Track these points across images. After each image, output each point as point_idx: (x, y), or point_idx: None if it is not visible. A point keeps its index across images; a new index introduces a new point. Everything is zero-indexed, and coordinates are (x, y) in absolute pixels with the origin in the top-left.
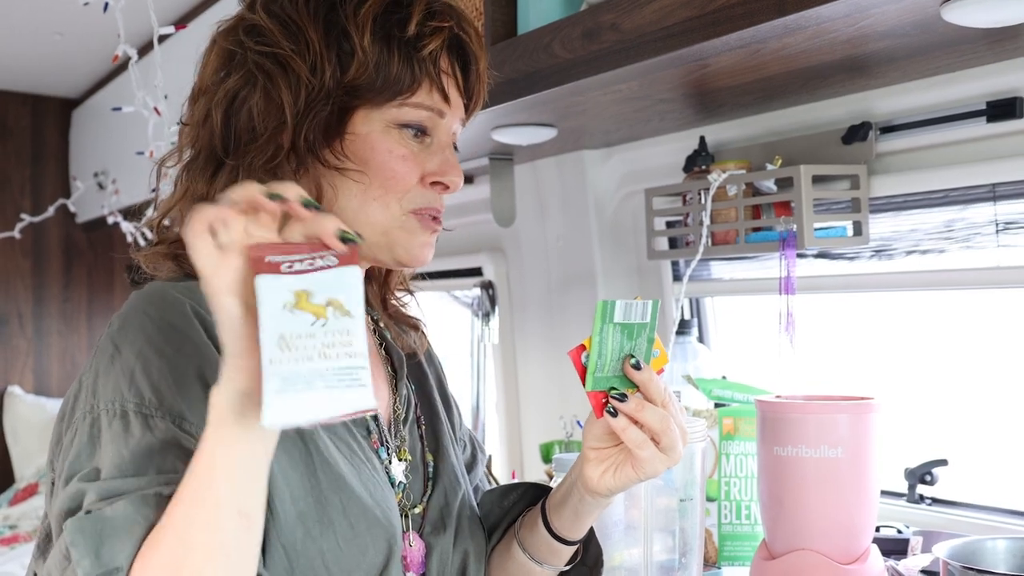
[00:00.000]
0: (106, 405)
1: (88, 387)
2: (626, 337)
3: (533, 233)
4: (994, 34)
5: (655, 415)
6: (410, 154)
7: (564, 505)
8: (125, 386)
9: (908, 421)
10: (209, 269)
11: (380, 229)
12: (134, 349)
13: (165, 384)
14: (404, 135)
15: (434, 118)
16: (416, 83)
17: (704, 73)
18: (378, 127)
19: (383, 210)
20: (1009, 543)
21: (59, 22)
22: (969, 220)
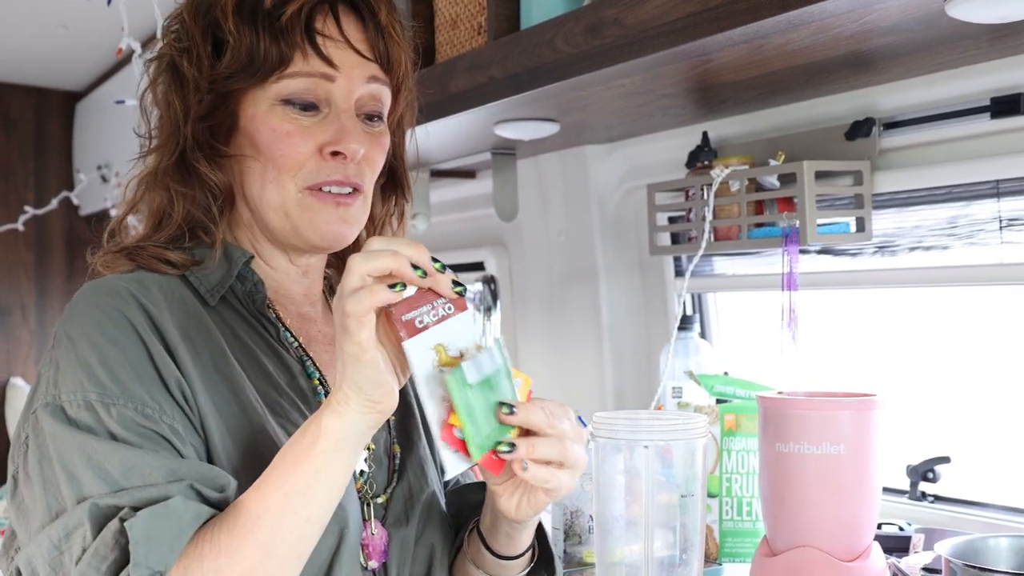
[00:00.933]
0: (68, 396)
1: (49, 379)
2: (488, 390)
3: (535, 228)
4: (998, 30)
5: (550, 448)
6: (297, 129)
7: (496, 530)
8: (85, 376)
9: (911, 418)
10: (355, 328)
11: (281, 211)
12: (88, 339)
13: (123, 371)
14: (288, 110)
15: (321, 83)
16: (286, 54)
17: (707, 68)
18: (264, 107)
19: (279, 190)
20: (1012, 541)
21: (63, 15)
22: (973, 216)
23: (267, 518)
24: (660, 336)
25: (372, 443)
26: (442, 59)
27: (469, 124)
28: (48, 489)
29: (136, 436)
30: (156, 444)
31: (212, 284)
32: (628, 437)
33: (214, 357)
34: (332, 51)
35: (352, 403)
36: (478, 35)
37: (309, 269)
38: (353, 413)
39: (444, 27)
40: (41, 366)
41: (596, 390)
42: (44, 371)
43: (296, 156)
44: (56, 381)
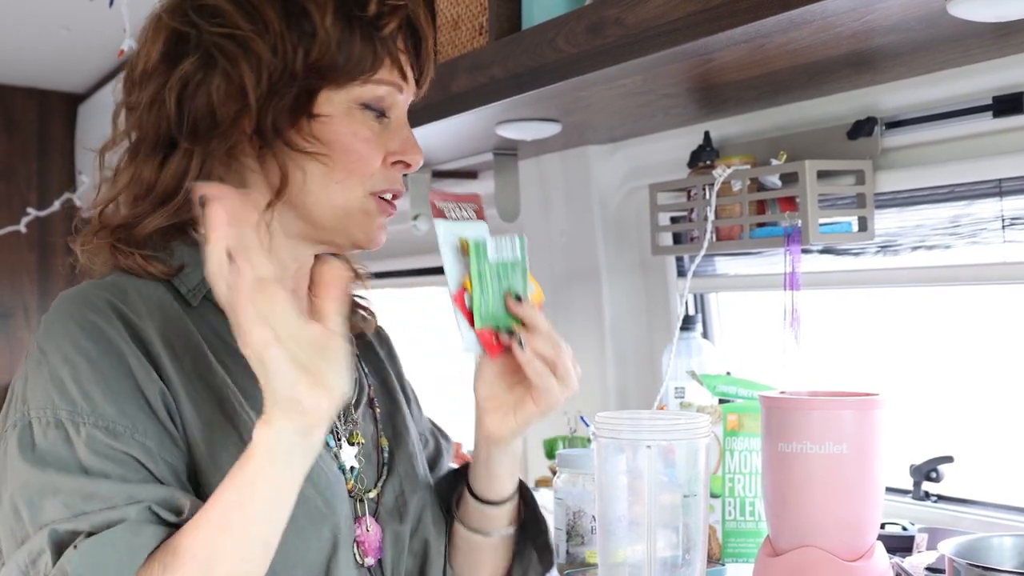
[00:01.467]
0: (37, 413)
1: (19, 394)
2: (503, 275)
3: (537, 228)
4: (1000, 28)
5: (547, 343)
6: (373, 135)
7: (476, 464)
8: (56, 393)
9: (914, 417)
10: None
11: (342, 212)
12: (61, 353)
13: (96, 388)
14: (367, 116)
15: (394, 94)
16: (378, 62)
17: (708, 68)
18: (341, 108)
19: (346, 192)
20: (1016, 540)
21: (65, 17)
22: (975, 215)
23: (204, 537)
24: (662, 336)
25: (362, 438)
26: (444, 59)
27: (470, 124)
28: (14, 514)
29: (102, 458)
30: (123, 466)
31: (193, 284)
32: (631, 437)
33: (196, 364)
34: (406, 67)
35: (273, 411)
36: (479, 35)
37: (303, 266)
38: (277, 422)
39: (446, 27)
40: (15, 379)
41: (599, 390)
42: (16, 385)
43: (371, 162)
44: (26, 396)
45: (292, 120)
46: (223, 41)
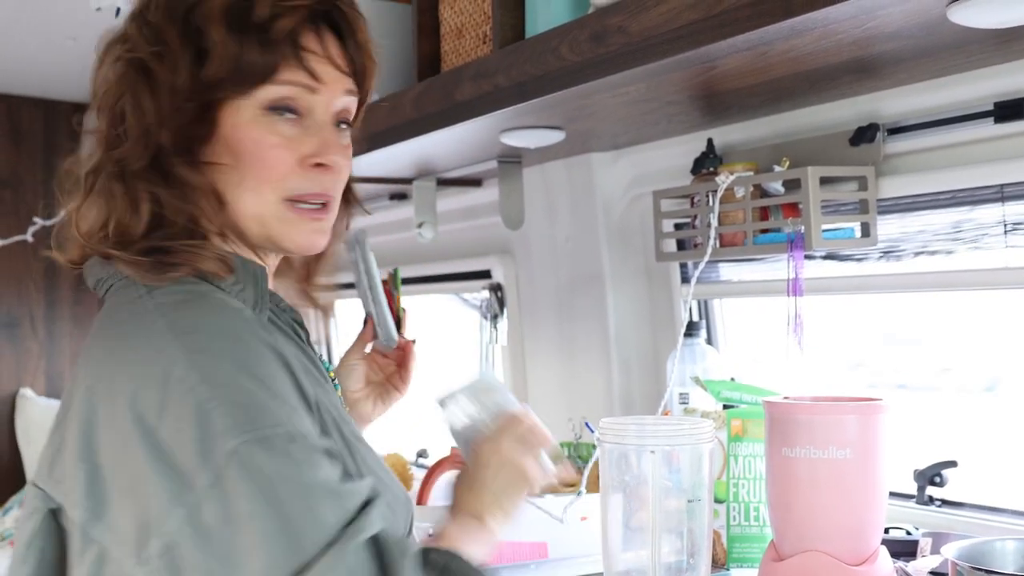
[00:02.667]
0: (240, 442)
1: (201, 432)
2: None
3: (542, 235)
4: (1001, 35)
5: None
6: (282, 140)
7: None
8: (245, 418)
9: (918, 422)
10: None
11: (257, 220)
12: (233, 379)
13: (282, 405)
14: (274, 119)
15: (304, 95)
16: (274, 65)
17: (711, 75)
18: (247, 115)
19: (257, 199)
20: (1018, 544)
21: (71, 27)
22: (977, 221)
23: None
24: (667, 342)
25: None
26: (447, 68)
27: (475, 133)
28: (285, 527)
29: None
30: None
31: (252, 301)
32: (635, 442)
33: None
34: (315, 65)
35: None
36: (483, 44)
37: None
38: (496, 523)
39: (449, 36)
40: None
41: (604, 396)
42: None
43: (279, 167)
44: (216, 432)
45: (196, 135)
46: (129, 66)
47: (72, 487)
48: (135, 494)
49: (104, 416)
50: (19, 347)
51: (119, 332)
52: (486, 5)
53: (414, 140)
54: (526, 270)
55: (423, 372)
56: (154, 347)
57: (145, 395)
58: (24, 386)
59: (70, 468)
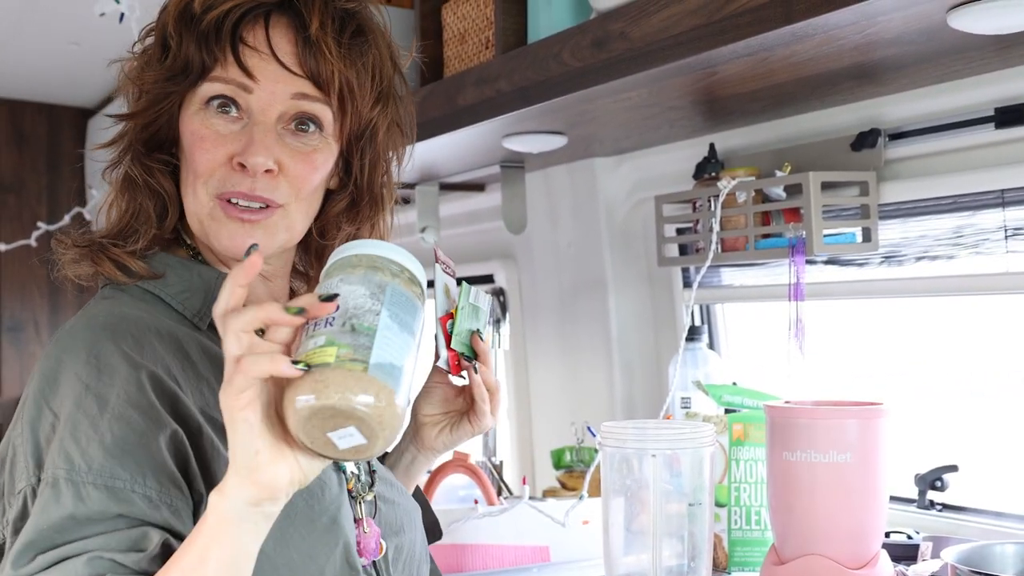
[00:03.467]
0: (45, 474)
1: (26, 447)
2: (473, 316)
3: (544, 240)
4: (1002, 41)
5: (492, 377)
6: (212, 134)
7: (397, 467)
8: (56, 450)
9: (919, 427)
10: (241, 384)
11: (196, 218)
12: (65, 406)
13: (94, 444)
14: (210, 115)
15: (237, 92)
16: (207, 61)
17: (713, 81)
18: (191, 110)
19: (194, 196)
20: (1018, 548)
21: (75, 32)
22: (978, 226)
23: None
24: (669, 347)
25: None
26: (450, 73)
27: (477, 137)
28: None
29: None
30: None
31: (196, 308)
32: (636, 446)
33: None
34: (253, 62)
35: (230, 476)
36: (486, 49)
37: (269, 275)
38: (230, 487)
39: (452, 41)
40: (19, 414)
41: (606, 401)
42: (19, 430)
43: (207, 162)
44: (33, 452)
45: (164, 137)
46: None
47: None
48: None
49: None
50: (23, 352)
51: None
52: (489, 10)
53: (417, 145)
54: (529, 274)
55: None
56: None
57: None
58: None
59: None
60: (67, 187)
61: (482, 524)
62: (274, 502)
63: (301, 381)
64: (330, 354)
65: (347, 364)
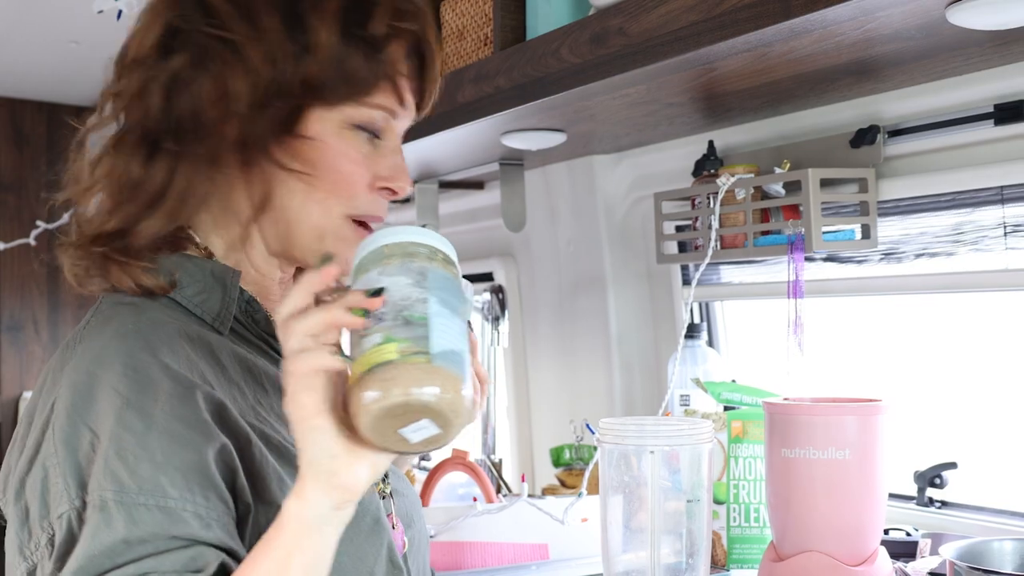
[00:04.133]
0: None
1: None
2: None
3: (543, 238)
4: (1000, 37)
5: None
6: (361, 157)
7: None
8: (101, 472)
9: (919, 424)
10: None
11: (317, 233)
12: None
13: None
14: (358, 137)
15: (387, 119)
16: (376, 86)
17: (711, 77)
18: (332, 128)
19: (324, 213)
20: (1016, 544)
21: (74, 31)
22: (977, 223)
23: None
24: (668, 344)
25: None
26: (449, 70)
27: (476, 135)
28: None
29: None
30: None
31: (214, 312)
32: (634, 443)
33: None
34: (406, 92)
35: (308, 483)
36: (484, 46)
37: (286, 276)
38: (312, 493)
39: (451, 38)
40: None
41: (605, 398)
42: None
43: (354, 184)
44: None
45: (278, 135)
46: (215, 43)
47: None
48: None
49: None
50: (22, 351)
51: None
52: (487, 7)
53: (416, 142)
54: (528, 272)
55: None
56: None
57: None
58: (28, 390)
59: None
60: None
61: (481, 522)
62: (354, 503)
63: (367, 381)
64: (391, 350)
65: (411, 358)
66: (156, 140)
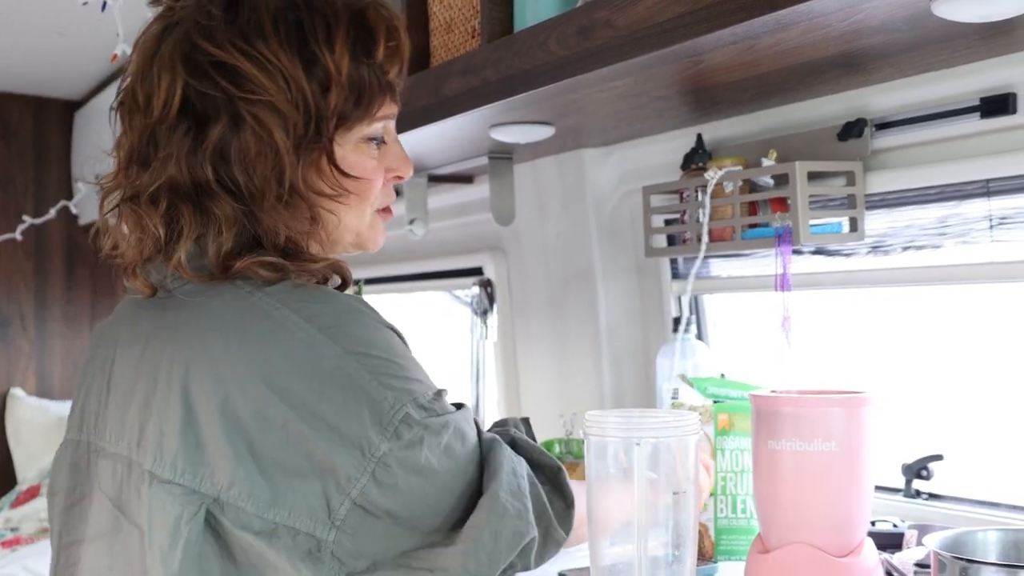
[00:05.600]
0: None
1: (371, 407)
2: None
3: (533, 231)
4: (987, 29)
5: None
6: (376, 163)
7: None
8: (404, 389)
9: (906, 416)
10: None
11: (354, 232)
12: (380, 359)
13: (423, 376)
14: (371, 147)
15: (389, 122)
16: (384, 103)
17: (699, 70)
18: (350, 146)
19: (359, 217)
20: (1000, 534)
21: (60, 22)
22: (963, 216)
23: None
24: (657, 338)
25: None
26: (437, 63)
27: (465, 128)
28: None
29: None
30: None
31: None
32: (620, 435)
33: None
34: (398, 94)
35: None
36: (472, 38)
37: None
38: None
39: (439, 31)
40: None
41: (595, 392)
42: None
43: (375, 188)
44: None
45: (321, 170)
46: (252, 107)
47: (232, 481)
48: (313, 474)
49: (248, 410)
50: (9, 346)
51: (239, 325)
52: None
53: (404, 135)
54: (517, 266)
55: None
56: (295, 337)
57: (298, 385)
58: (15, 386)
59: (223, 464)
60: (54, 181)
61: None
62: None
63: None
64: None
65: None
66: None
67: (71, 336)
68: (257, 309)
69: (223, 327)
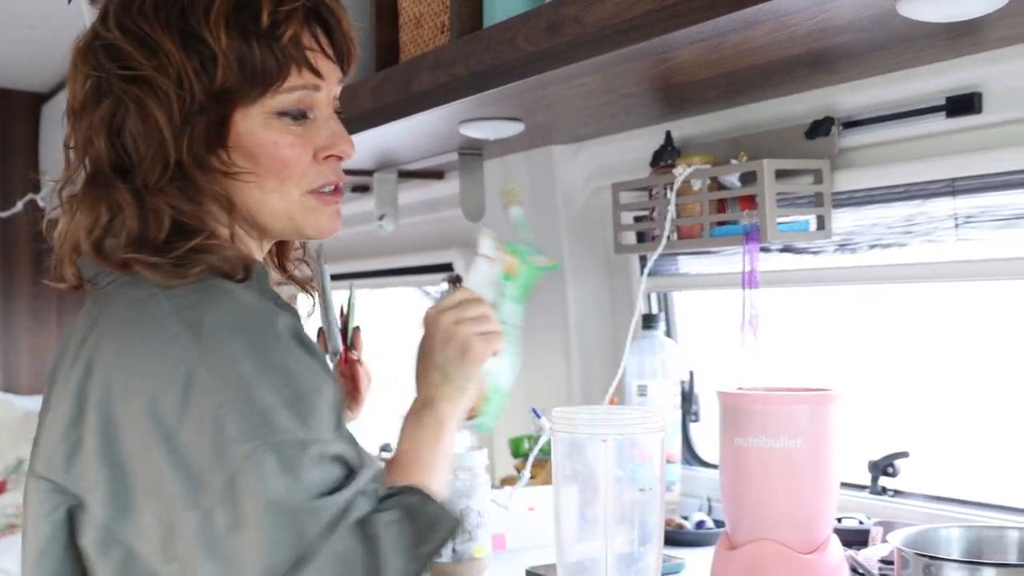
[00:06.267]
0: (252, 447)
1: (216, 437)
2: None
3: (502, 228)
4: (952, 29)
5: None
6: (296, 139)
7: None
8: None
9: (872, 413)
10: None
11: (284, 216)
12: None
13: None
14: (285, 122)
15: (310, 94)
16: (284, 71)
17: (667, 67)
18: (258, 122)
19: (283, 198)
20: (963, 531)
21: (29, 14)
22: (929, 214)
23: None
24: (627, 334)
25: None
26: (406, 58)
27: (434, 123)
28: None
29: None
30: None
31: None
32: (586, 432)
33: None
34: (320, 62)
35: (460, 391)
36: (441, 34)
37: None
38: (461, 400)
39: (408, 26)
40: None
41: (563, 388)
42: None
43: (299, 164)
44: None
45: (210, 148)
46: (129, 84)
47: (95, 485)
48: (159, 495)
49: (124, 416)
50: None
51: (135, 330)
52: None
53: (373, 131)
54: None
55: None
56: (174, 349)
57: (165, 399)
58: None
59: (92, 466)
60: (21, 174)
61: None
62: None
63: None
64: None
65: None
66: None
67: (37, 331)
68: (151, 317)
69: (118, 331)
